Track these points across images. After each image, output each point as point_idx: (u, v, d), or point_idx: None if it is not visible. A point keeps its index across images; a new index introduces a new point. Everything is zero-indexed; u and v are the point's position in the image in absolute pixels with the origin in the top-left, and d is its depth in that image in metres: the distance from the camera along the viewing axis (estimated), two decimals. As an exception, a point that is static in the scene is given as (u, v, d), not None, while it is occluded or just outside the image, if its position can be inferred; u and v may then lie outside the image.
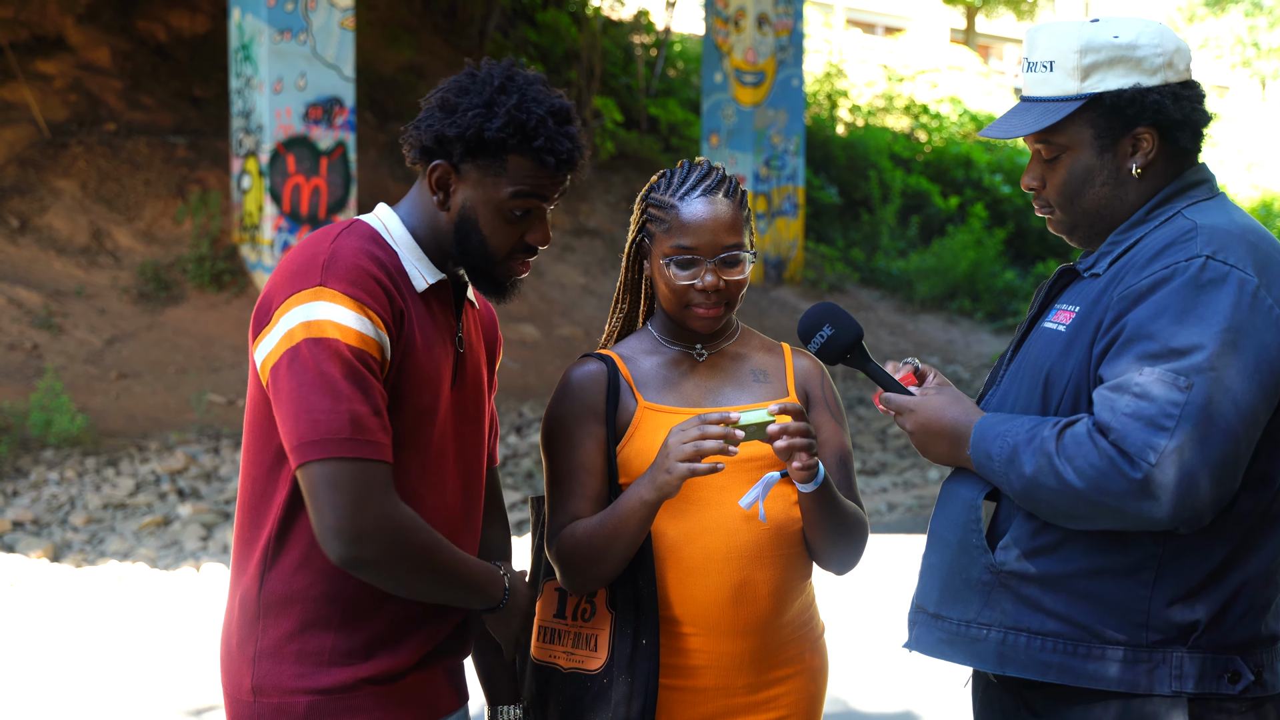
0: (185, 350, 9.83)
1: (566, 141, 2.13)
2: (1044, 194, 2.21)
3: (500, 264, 2.18)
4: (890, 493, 8.87)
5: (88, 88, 11.76)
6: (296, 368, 2.00)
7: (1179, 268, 2.01)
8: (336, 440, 1.98)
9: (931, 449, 2.19)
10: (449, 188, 2.16)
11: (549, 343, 11.24)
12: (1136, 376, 1.96)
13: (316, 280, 2.03)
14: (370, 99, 13.00)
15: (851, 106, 18.44)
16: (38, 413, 8.15)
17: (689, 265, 2.33)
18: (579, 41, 15.21)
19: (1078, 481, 1.96)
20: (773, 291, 13.69)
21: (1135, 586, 2.03)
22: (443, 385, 2.17)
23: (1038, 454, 2.01)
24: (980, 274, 14.95)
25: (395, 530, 2.02)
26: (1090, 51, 2.10)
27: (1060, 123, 2.13)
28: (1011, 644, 2.10)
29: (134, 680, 5.23)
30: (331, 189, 10.71)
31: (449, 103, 2.13)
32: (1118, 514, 1.97)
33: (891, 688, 5.04)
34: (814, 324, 2.29)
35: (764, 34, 14.02)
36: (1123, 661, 2.03)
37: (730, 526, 2.31)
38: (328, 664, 2.11)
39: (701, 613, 2.31)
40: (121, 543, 7.00)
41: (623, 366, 2.41)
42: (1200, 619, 2.02)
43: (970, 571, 2.14)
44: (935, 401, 2.18)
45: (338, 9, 10.60)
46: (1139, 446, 1.93)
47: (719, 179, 2.38)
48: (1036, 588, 2.08)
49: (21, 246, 10.41)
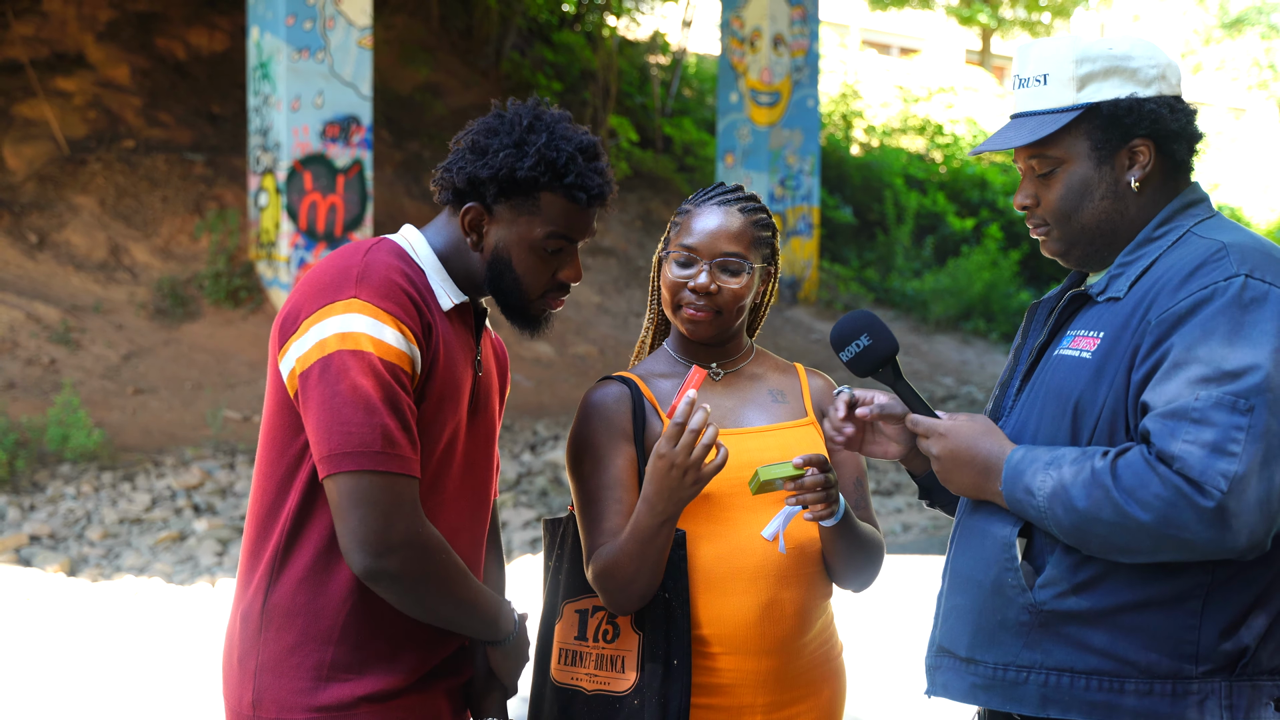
0: (201, 366, 9.86)
1: (597, 177, 2.17)
2: (1039, 212, 2.15)
3: (535, 301, 2.22)
4: (905, 513, 8.86)
5: (107, 105, 11.84)
6: (329, 378, 2.01)
7: (1219, 288, 1.95)
8: (369, 454, 1.99)
9: (956, 478, 2.11)
10: (482, 229, 2.18)
11: (564, 361, 11.25)
12: (1193, 402, 1.89)
13: (350, 293, 2.04)
14: (387, 117, 13.06)
15: (867, 127, 18.47)
16: (55, 427, 8.18)
17: (687, 264, 2.38)
18: (595, 61, 15.26)
19: (1143, 514, 1.88)
20: (787, 311, 13.69)
21: (1183, 616, 1.96)
22: (462, 406, 2.18)
23: (1091, 487, 1.92)
24: (995, 295, 14.94)
25: (422, 547, 2.04)
26: (1086, 61, 2.08)
27: (1056, 134, 2.09)
28: (1054, 685, 2.01)
29: (149, 695, 5.24)
30: (348, 206, 10.76)
31: (479, 145, 2.16)
32: (1186, 545, 1.89)
33: (907, 708, 5.03)
34: (851, 332, 2.22)
35: (779, 54, 14.05)
36: (1172, 695, 1.96)
37: (757, 546, 2.33)
38: (326, 680, 2.11)
39: (729, 632, 2.32)
40: (137, 557, 7.02)
41: (645, 388, 2.42)
42: (1249, 645, 1.96)
43: (1006, 613, 2.05)
44: (967, 429, 2.10)
45: (355, 28, 10.66)
46: (1209, 474, 1.86)
47: (740, 195, 2.43)
48: (1079, 625, 2.00)
49: (40, 262, 10.47)
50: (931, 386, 12.44)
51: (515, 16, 14.98)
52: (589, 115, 14.70)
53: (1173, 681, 1.97)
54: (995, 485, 2.05)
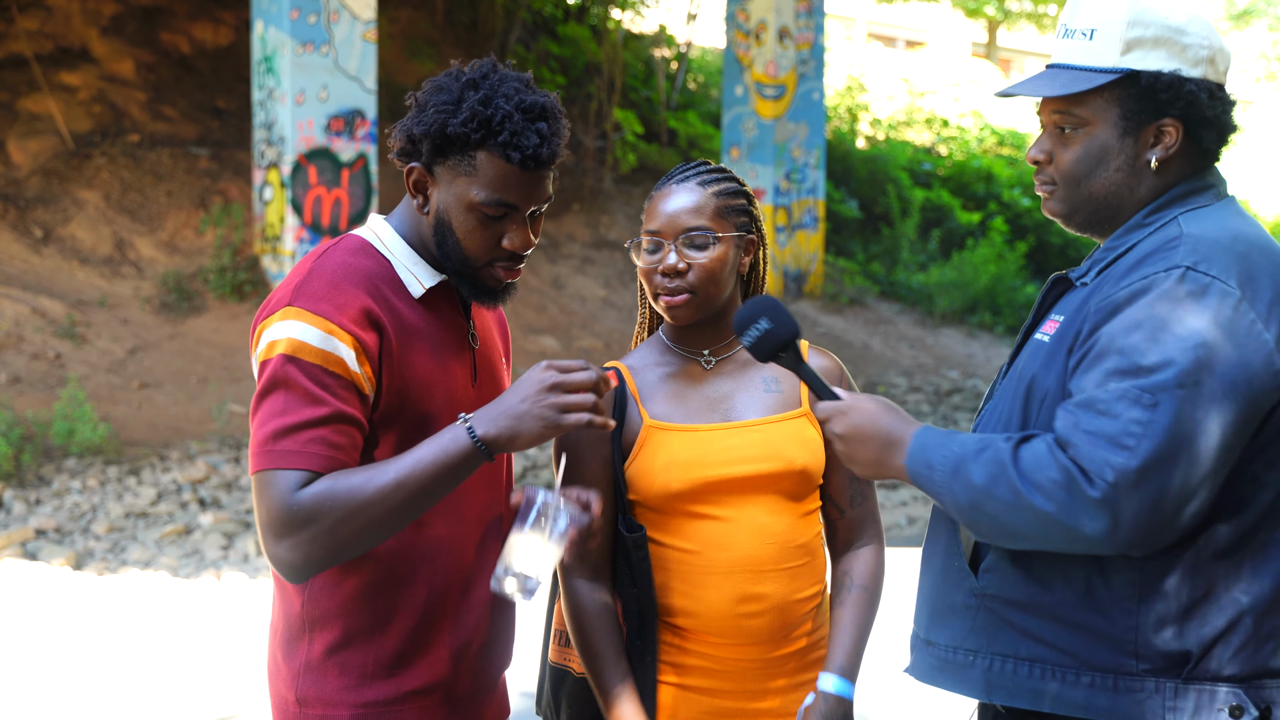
0: (207, 360, 9.87)
1: (534, 136, 2.05)
2: (1049, 169, 2.08)
3: (480, 269, 2.13)
4: (910, 506, 8.86)
5: (111, 99, 11.84)
6: (261, 383, 2.03)
7: (1156, 279, 1.91)
8: (261, 452, 1.99)
9: (860, 453, 2.07)
10: (425, 190, 2.13)
11: (569, 355, 11.25)
12: (1102, 393, 1.86)
13: (289, 300, 2.04)
14: (392, 111, 13.04)
15: (872, 120, 18.43)
16: (60, 422, 8.19)
17: (655, 249, 2.34)
18: (600, 55, 15.24)
19: (1034, 496, 1.86)
20: (792, 305, 13.68)
21: (1121, 615, 1.93)
22: (457, 385, 2.17)
23: (991, 464, 1.91)
24: (1001, 288, 14.91)
25: (301, 524, 1.97)
26: (1139, 24, 1.99)
27: (1088, 93, 2.01)
28: (998, 671, 2.01)
29: (155, 689, 5.25)
30: (353, 200, 10.75)
31: (422, 101, 2.11)
32: (1071, 533, 1.86)
33: (910, 703, 5.02)
34: (750, 316, 2.15)
35: (785, 47, 14.02)
36: (1114, 691, 1.93)
37: (731, 541, 2.31)
38: (371, 676, 2.11)
39: (703, 625, 2.32)
40: (143, 551, 7.03)
41: (630, 380, 2.39)
42: (1191, 649, 1.91)
43: (955, 596, 2.06)
44: (869, 406, 2.08)
45: (360, 21, 10.65)
46: (1097, 464, 1.83)
47: (699, 169, 2.37)
48: (1021, 612, 1.99)
49: (45, 256, 10.47)
50: (937, 380, 12.43)
51: (520, 10, 14.96)
52: (594, 109, 14.69)
53: (1114, 676, 1.94)
54: (899, 460, 2.03)
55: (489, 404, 2.04)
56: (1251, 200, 21.45)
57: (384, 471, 1.99)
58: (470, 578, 2.19)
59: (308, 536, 1.96)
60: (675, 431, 2.33)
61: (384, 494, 1.97)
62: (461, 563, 2.18)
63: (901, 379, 12.29)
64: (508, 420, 2.00)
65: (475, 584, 2.19)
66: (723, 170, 2.40)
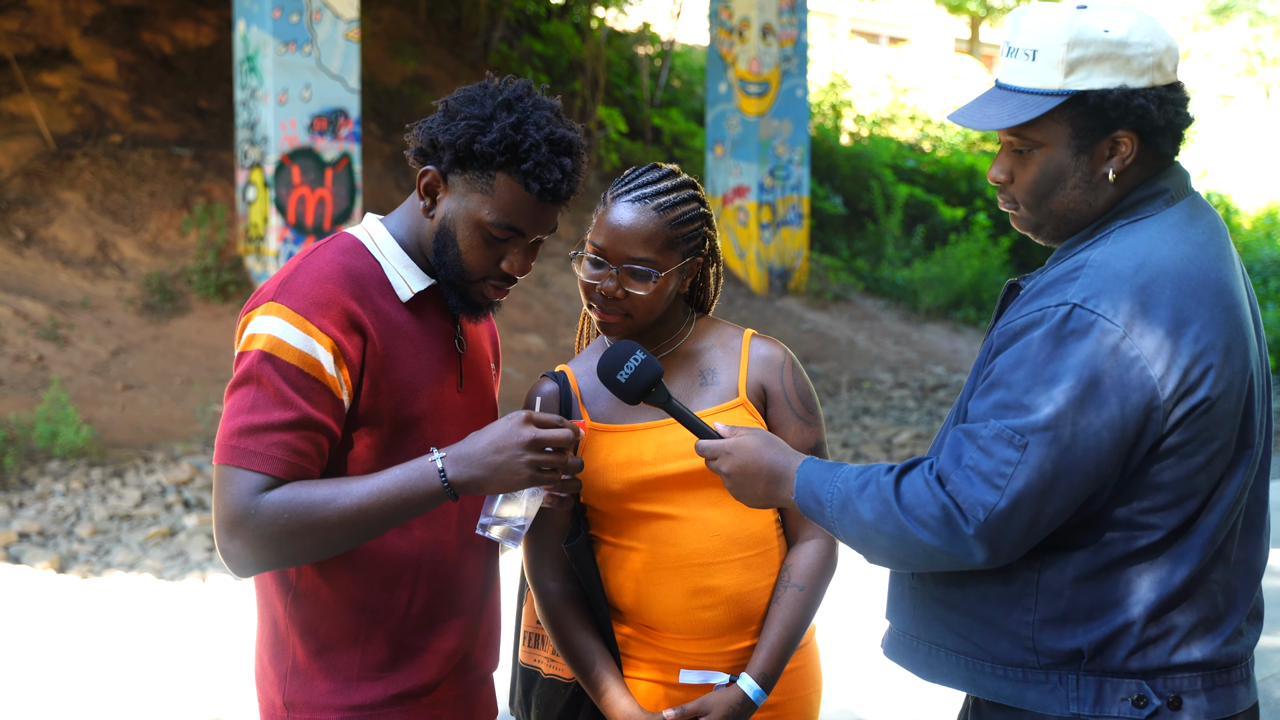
0: (191, 361, 9.83)
1: (557, 171, 2.08)
2: (1011, 189, 2.10)
3: (473, 284, 2.15)
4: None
5: (93, 100, 11.79)
6: (236, 375, 2.05)
7: (1047, 313, 1.95)
8: (225, 446, 2.01)
9: (748, 490, 2.14)
10: (435, 195, 2.14)
11: (554, 353, 11.24)
12: (984, 428, 1.93)
13: (272, 296, 2.06)
14: (375, 110, 13.02)
15: (856, 117, 18.45)
16: (43, 424, 8.16)
17: (596, 265, 2.32)
18: (583, 52, 15.23)
19: (919, 532, 1.94)
20: (778, 302, 13.68)
21: (1019, 613, 2.01)
22: (442, 390, 2.17)
23: (874, 499, 1.99)
24: (985, 283, 14.95)
25: (256, 526, 1.99)
26: (1078, 45, 1.97)
27: (1038, 118, 2.01)
28: (934, 657, 2.11)
29: (141, 692, 5.23)
30: (336, 200, 10.73)
31: (452, 109, 2.12)
32: (953, 559, 1.96)
33: (894, 693, 5.03)
34: (616, 360, 2.18)
35: (768, 44, 14.03)
36: (1024, 682, 2.02)
37: (676, 536, 2.33)
38: (358, 680, 2.12)
39: (657, 619, 2.35)
40: (127, 554, 7.00)
41: (574, 383, 2.40)
42: (1081, 647, 1.98)
43: (902, 583, 2.16)
44: (751, 443, 2.14)
45: (342, 20, 10.62)
46: (970, 504, 1.91)
47: (659, 190, 2.31)
48: (944, 608, 2.08)
49: (27, 258, 10.43)
50: (922, 375, 12.45)
51: (503, 8, 14.95)
52: (578, 106, 14.67)
53: (1021, 669, 2.03)
54: (786, 493, 2.11)
55: (463, 442, 2.05)
56: (1233, 194, 21.52)
57: (347, 493, 2.00)
58: (456, 580, 2.19)
59: (260, 542, 1.98)
60: (613, 432, 2.35)
61: (344, 517, 2.00)
62: (446, 565, 2.18)
63: (887, 375, 12.31)
64: (480, 470, 2.02)
65: (461, 586, 2.20)
66: (681, 184, 2.35)
